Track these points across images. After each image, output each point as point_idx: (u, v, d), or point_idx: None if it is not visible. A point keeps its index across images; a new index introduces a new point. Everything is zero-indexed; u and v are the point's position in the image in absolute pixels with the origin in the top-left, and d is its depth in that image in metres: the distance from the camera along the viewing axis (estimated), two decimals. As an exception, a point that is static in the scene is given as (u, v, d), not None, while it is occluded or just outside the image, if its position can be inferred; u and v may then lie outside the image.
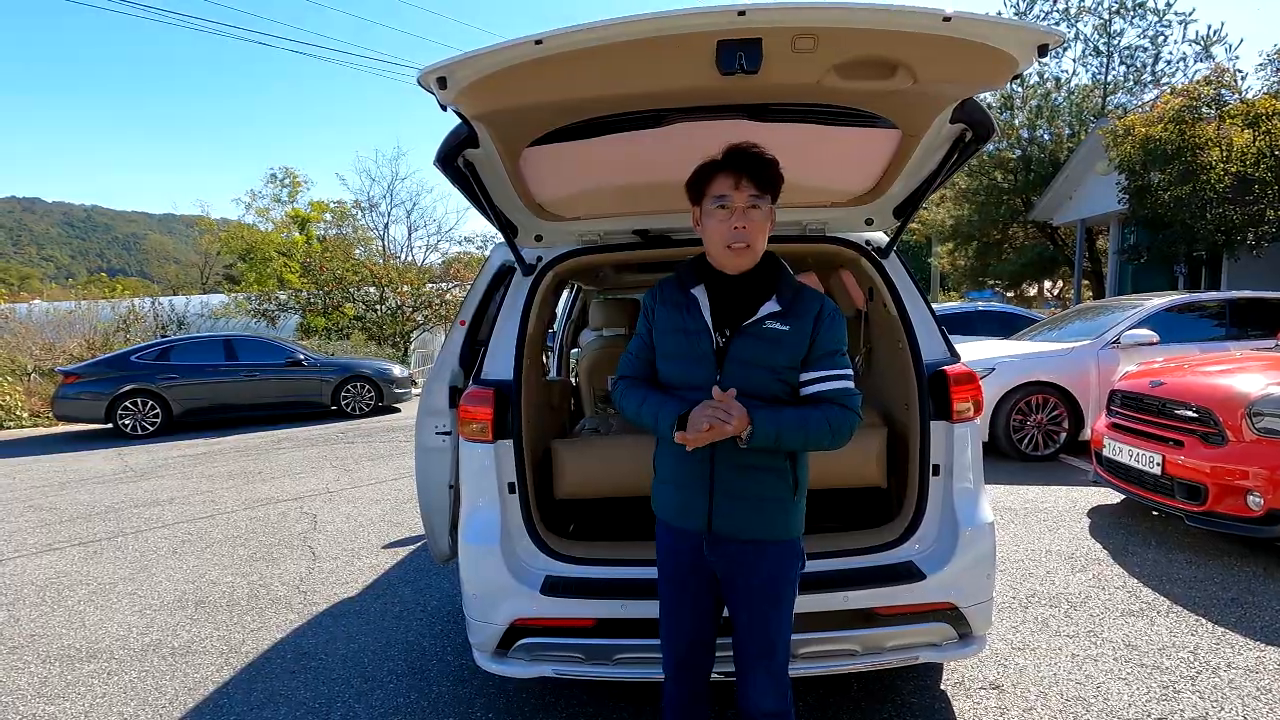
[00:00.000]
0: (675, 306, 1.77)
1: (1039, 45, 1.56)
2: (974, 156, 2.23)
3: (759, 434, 1.60)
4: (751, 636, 1.74)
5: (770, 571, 1.72)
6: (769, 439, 1.61)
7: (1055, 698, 2.68)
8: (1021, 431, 6.78)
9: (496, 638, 2.37)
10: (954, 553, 2.36)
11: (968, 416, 2.48)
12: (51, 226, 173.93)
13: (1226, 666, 2.86)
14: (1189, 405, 4.22)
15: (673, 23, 1.50)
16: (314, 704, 2.83)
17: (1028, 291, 23.70)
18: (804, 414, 1.64)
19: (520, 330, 2.60)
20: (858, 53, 1.62)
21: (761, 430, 1.60)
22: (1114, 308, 7.65)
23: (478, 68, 1.59)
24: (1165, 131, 10.64)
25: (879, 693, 2.73)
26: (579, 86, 1.75)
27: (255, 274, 24.03)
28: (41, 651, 3.39)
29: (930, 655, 2.37)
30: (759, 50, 1.55)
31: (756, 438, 1.60)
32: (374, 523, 5.37)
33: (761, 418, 1.60)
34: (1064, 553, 4.21)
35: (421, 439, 3.06)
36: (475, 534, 2.43)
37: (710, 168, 1.69)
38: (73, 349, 14.89)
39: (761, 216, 1.67)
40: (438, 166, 2.12)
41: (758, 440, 1.60)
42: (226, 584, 4.19)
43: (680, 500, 1.76)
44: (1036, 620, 3.33)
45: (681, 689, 1.92)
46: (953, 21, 1.50)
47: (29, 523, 5.75)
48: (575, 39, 1.54)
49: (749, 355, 1.68)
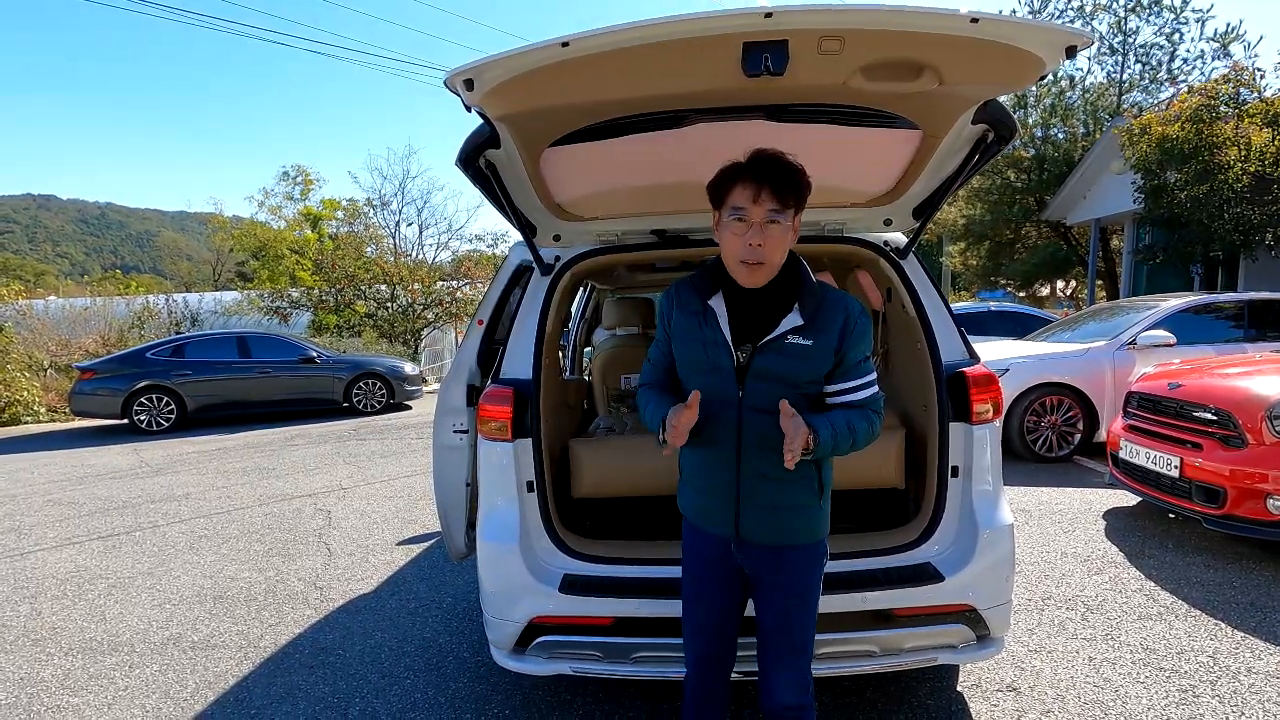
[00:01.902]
0: (693, 315, 1.73)
1: (1067, 47, 1.56)
2: (997, 155, 2.21)
3: (822, 447, 1.58)
4: (778, 634, 1.75)
5: (798, 572, 1.73)
6: (827, 449, 1.60)
7: (1073, 701, 2.67)
8: (1036, 433, 6.73)
9: (515, 635, 2.39)
10: (973, 554, 2.35)
11: (987, 418, 2.47)
12: (66, 223, 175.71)
13: (1247, 671, 2.84)
14: (1208, 408, 4.18)
15: (699, 25, 1.50)
16: (333, 699, 2.86)
17: (1040, 291, 23.51)
18: (850, 419, 1.63)
19: (539, 329, 2.61)
20: (884, 55, 1.62)
21: (823, 444, 1.58)
22: (1130, 309, 7.58)
23: (505, 69, 1.60)
24: (1183, 131, 10.53)
25: (895, 694, 2.72)
26: (603, 88, 1.75)
27: (268, 271, 24.19)
28: (64, 644, 3.44)
29: (948, 657, 2.36)
30: (785, 52, 1.55)
31: (820, 450, 1.58)
32: (388, 519, 5.41)
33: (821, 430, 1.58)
34: (1080, 555, 4.19)
35: (439, 437, 3.08)
36: (494, 532, 2.45)
37: (732, 173, 1.63)
38: (88, 345, 15.05)
39: (781, 231, 1.60)
40: (459, 167, 2.13)
41: (820, 453, 1.59)
42: (244, 579, 4.24)
43: (706, 507, 1.76)
44: (1053, 623, 3.31)
45: (702, 686, 1.93)
46: (980, 23, 1.49)
47: (48, 517, 5.82)
48: (601, 41, 1.54)
49: (771, 371, 1.65)
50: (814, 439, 1.56)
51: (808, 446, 1.55)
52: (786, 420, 1.55)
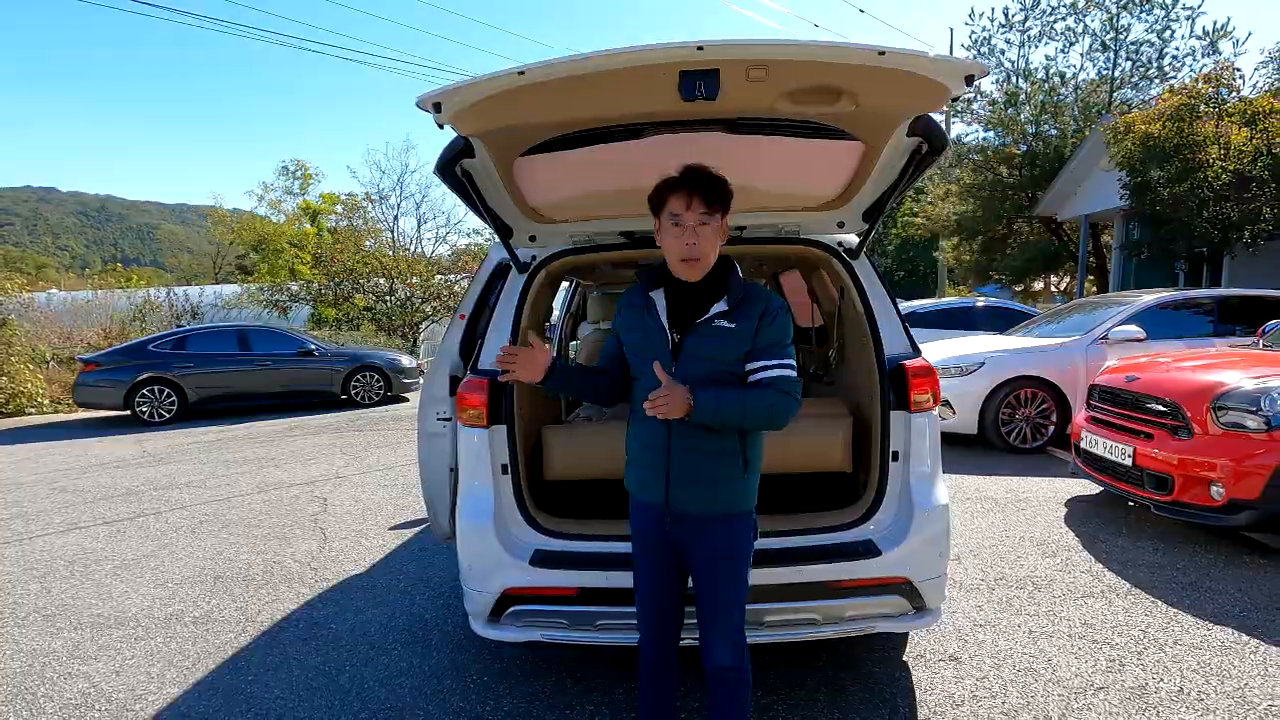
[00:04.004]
0: (637, 309, 1.98)
1: (966, 75, 1.76)
2: (932, 166, 2.41)
3: (700, 411, 1.80)
4: (710, 600, 1.96)
5: (724, 541, 1.93)
6: (709, 416, 1.82)
7: (1008, 669, 2.89)
8: (1010, 425, 6.95)
9: (489, 605, 2.60)
10: (909, 532, 2.57)
11: (926, 407, 2.68)
12: (66, 216, 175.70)
13: (1173, 643, 3.06)
14: (1159, 399, 4.40)
15: (640, 56, 1.71)
16: (324, 668, 3.08)
17: (1033, 286, 23.68)
18: (744, 394, 1.85)
19: (514, 324, 2.82)
20: (805, 81, 1.83)
21: (701, 407, 1.80)
22: (1107, 304, 7.78)
23: (468, 95, 1.81)
24: (1164, 129, 10.71)
25: (846, 664, 2.94)
26: (560, 109, 1.96)
27: (267, 265, 24.38)
28: (73, 619, 3.66)
29: (886, 625, 2.58)
30: (716, 80, 1.76)
31: (698, 414, 1.80)
32: (382, 506, 5.63)
33: (703, 397, 1.80)
34: (1037, 539, 4.40)
35: (424, 425, 3.29)
36: (470, 511, 2.66)
37: (668, 185, 1.86)
38: (90, 337, 15.27)
39: (712, 232, 1.85)
40: (437, 175, 2.35)
41: (698, 416, 1.81)
42: (243, 561, 4.46)
43: (642, 479, 1.99)
44: (1001, 600, 3.53)
45: (653, 650, 2.13)
46: (886, 55, 1.70)
47: (54, 503, 6.05)
48: (553, 70, 1.75)
49: (700, 350, 1.88)
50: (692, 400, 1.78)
51: (688, 408, 1.78)
52: (662, 374, 1.80)
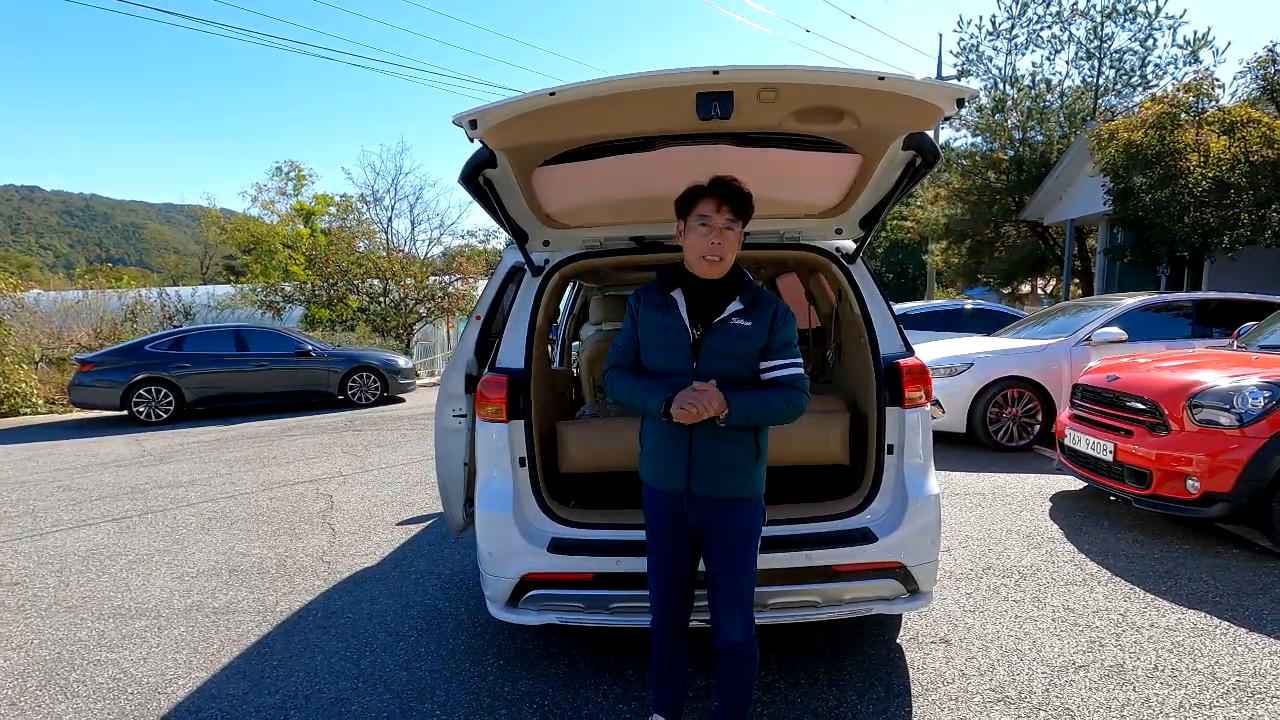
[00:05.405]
0: (657, 307, 2.13)
1: (956, 98, 1.94)
2: (925, 176, 2.59)
3: (735, 415, 1.98)
4: (723, 579, 2.12)
5: (738, 523, 2.10)
6: (742, 419, 2.00)
7: (995, 650, 3.07)
8: (998, 424, 7.16)
9: (509, 590, 2.75)
10: (903, 520, 2.74)
11: (919, 403, 2.86)
12: (50, 215, 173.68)
13: (1149, 626, 3.25)
14: (1139, 398, 4.61)
15: (661, 79, 1.88)
16: (346, 653, 3.21)
17: (1021, 289, 24.09)
18: (766, 396, 2.03)
19: (530, 324, 2.98)
20: (812, 103, 2.00)
21: (736, 412, 1.98)
22: (1091, 306, 8.02)
23: (501, 114, 1.97)
24: (1147, 137, 11.01)
25: (844, 646, 3.11)
26: (585, 127, 2.13)
27: (260, 266, 24.34)
28: (95, 611, 3.77)
29: (882, 608, 2.75)
30: (730, 100, 1.93)
31: (733, 418, 1.98)
32: (387, 503, 5.76)
33: (736, 401, 1.97)
34: (1023, 532, 4.60)
35: (441, 421, 3.44)
36: (490, 501, 2.81)
37: (698, 191, 2.05)
38: (81, 338, 15.25)
39: (734, 237, 2.04)
40: (461, 184, 2.50)
41: (734, 420, 1.99)
42: (255, 555, 4.58)
43: (664, 468, 2.14)
44: (988, 588, 3.72)
45: (665, 628, 2.29)
46: (886, 80, 1.88)
47: (60, 501, 6.13)
48: (582, 92, 1.91)
49: (719, 346, 2.05)
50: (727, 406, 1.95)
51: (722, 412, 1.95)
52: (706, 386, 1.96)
